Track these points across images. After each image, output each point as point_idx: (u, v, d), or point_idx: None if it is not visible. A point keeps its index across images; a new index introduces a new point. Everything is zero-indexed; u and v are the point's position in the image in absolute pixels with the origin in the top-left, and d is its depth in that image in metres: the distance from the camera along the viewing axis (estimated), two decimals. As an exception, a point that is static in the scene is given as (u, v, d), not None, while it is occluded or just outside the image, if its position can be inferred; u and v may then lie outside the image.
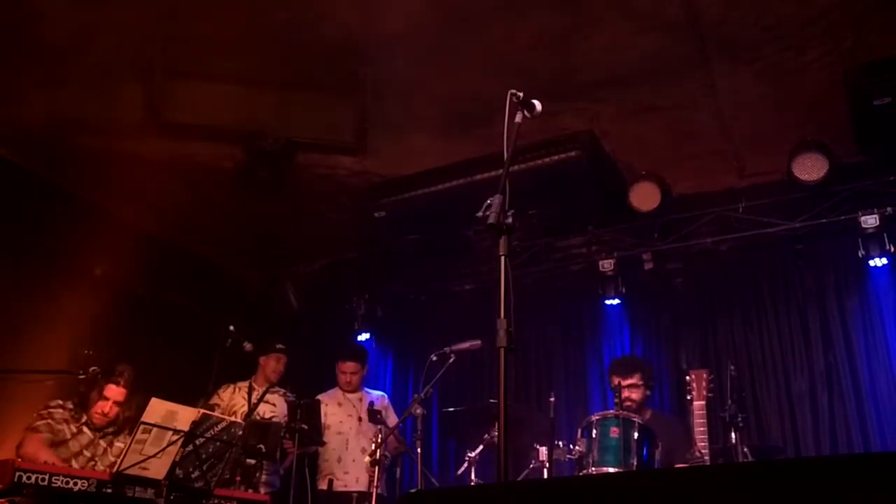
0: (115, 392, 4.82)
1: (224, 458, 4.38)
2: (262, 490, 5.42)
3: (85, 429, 4.69)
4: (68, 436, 4.62)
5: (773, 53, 5.11)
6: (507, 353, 2.64)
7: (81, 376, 4.56)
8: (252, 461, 5.12)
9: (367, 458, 5.01)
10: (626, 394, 5.23)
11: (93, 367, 4.56)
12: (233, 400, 6.04)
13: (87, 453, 4.64)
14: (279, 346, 6.17)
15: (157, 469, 4.10)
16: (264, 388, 6.07)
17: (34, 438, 4.55)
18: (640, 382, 5.33)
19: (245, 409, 5.90)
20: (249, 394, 6.05)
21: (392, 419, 6.01)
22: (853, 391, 5.85)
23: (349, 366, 6.26)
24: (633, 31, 4.98)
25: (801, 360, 6.13)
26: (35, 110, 5.59)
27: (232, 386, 6.11)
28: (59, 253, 6.17)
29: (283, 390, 6.17)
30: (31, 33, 4.93)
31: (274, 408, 5.99)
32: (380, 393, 6.56)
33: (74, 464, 4.54)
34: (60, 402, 4.72)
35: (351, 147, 6.09)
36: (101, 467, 4.64)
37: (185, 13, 4.91)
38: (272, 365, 6.14)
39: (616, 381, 5.35)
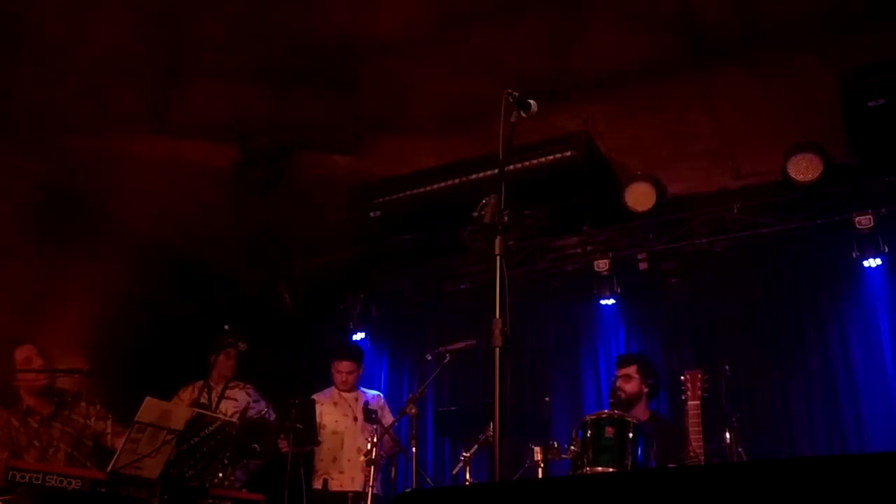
0: (23, 351, 4.68)
1: (218, 457, 4.38)
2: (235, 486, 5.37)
3: (29, 419, 4.59)
4: (13, 433, 4.51)
5: (768, 54, 5.13)
6: (502, 353, 2.64)
7: (73, 375, 4.54)
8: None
9: (363, 458, 5.00)
10: (619, 384, 5.19)
11: (81, 367, 4.53)
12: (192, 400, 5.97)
13: (37, 443, 4.52)
14: (227, 341, 6.07)
15: (152, 468, 4.08)
16: (222, 385, 5.97)
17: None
18: (636, 375, 5.26)
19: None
20: (209, 393, 5.96)
21: (388, 419, 6.01)
22: (848, 391, 5.86)
23: (345, 365, 6.24)
24: (629, 33, 4.99)
25: (796, 360, 6.14)
26: (31, 109, 5.57)
27: (190, 386, 6.00)
28: (53, 253, 6.14)
29: (242, 383, 6.10)
30: (27, 32, 4.92)
31: (236, 402, 5.90)
32: (376, 392, 6.54)
33: (27, 458, 4.43)
34: None
35: (346, 146, 6.09)
36: (67, 448, 4.57)
37: (181, 13, 4.91)
38: (221, 361, 6.07)
39: (615, 373, 5.37)
